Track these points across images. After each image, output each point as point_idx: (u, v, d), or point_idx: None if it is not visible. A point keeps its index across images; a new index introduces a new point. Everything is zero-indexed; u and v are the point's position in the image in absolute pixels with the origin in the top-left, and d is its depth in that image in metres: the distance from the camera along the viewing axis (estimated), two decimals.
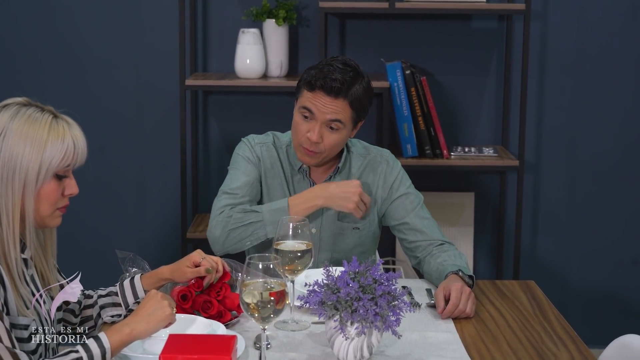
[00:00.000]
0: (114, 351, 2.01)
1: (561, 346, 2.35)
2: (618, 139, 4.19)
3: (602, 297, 4.28)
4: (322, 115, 2.73)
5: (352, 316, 2.10)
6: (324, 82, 2.72)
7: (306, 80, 2.76)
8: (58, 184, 2.08)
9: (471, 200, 4.16)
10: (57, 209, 2.10)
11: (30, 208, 2.04)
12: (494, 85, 4.15)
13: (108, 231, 4.25)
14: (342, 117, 2.74)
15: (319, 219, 2.85)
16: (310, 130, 2.74)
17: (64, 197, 2.11)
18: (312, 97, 2.74)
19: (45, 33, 4.10)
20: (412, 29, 4.10)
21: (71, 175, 2.11)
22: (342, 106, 2.74)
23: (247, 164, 2.86)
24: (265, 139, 2.91)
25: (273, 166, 2.88)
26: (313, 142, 2.74)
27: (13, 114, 2.04)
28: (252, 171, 2.85)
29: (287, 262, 2.34)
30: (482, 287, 2.80)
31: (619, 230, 4.25)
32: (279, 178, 2.88)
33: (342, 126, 2.76)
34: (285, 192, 2.86)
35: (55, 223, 2.13)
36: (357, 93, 2.75)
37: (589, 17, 4.10)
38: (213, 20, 4.11)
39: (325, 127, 2.75)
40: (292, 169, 2.89)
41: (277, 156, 2.88)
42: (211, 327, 2.25)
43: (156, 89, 4.14)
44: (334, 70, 2.74)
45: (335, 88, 2.71)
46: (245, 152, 2.89)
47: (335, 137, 2.76)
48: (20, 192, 2.02)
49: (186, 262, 2.42)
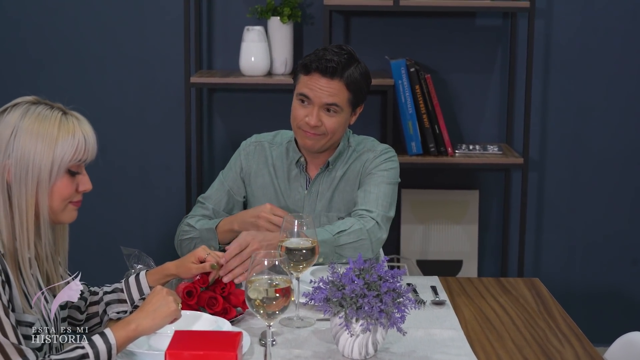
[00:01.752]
0: (120, 347, 2.01)
1: (566, 344, 2.35)
2: (622, 137, 4.19)
3: (607, 295, 4.28)
4: (318, 99, 2.78)
5: (357, 313, 2.11)
6: (319, 63, 2.79)
7: (302, 65, 2.84)
8: (71, 180, 2.09)
9: (475, 198, 4.16)
10: (70, 203, 2.11)
11: (45, 205, 2.05)
12: (498, 82, 4.15)
13: (113, 229, 4.25)
14: (338, 100, 2.79)
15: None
16: (308, 114, 2.80)
17: (77, 193, 2.12)
18: (308, 80, 2.80)
19: (48, 31, 4.10)
20: (416, 26, 4.10)
21: (84, 172, 2.13)
22: (339, 87, 2.79)
23: (228, 171, 3.02)
24: (262, 138, 3.03)
25: (263, 165, 2.95)
26: (312, 125, 2.79)
27: (23, 113, 2.05)
28: (229, 180, 2.99)
29: (292, 259, 2.34)
30: (487, 285, 2.80)
31: (624, 228, 4.25)
32: (269, 176, 2.96)
33: (340, 110, 2.81)
34: (276, 189, 2.92)
35: (69, 218, 2.13)
36: (353, 75, 2.82)
37: (594, 14, 4.09)
38: (218, 18, 4.11)
39: (323, 110, 2.79)
40: (290, 164, 2.93)
41: (270, 154, 2.94)
42: (217, 324, 2.25)
43: (161, 87, 4.14)
44: (329, 52, 2.82)
45: (330, 68, 2.77)
46: (233, 159, 3.04)
47: (334, 121, 2.81)
48: (34, 189, 2.03)
49: (191, 258, 2.43)
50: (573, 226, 4.26)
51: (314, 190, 2.93)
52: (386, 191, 2.86)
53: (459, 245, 4.15)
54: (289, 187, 2.94)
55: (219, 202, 2.98)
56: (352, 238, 2.71)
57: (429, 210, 4.14)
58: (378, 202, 2.82)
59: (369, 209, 2.80)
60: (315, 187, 2.93)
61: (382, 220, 2.80)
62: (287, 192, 2.94)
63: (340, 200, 2.92)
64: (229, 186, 2.98)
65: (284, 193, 2.94)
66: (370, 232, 2.74)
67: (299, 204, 2.93)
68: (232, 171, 3.00)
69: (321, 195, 2.92)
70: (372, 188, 2.85)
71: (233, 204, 2.98)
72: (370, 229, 2.74)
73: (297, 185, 2.94)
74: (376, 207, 2.81)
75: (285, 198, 2.94)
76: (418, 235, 4.13)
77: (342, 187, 2.92)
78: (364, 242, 2.72)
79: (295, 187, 2.94)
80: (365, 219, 2.77)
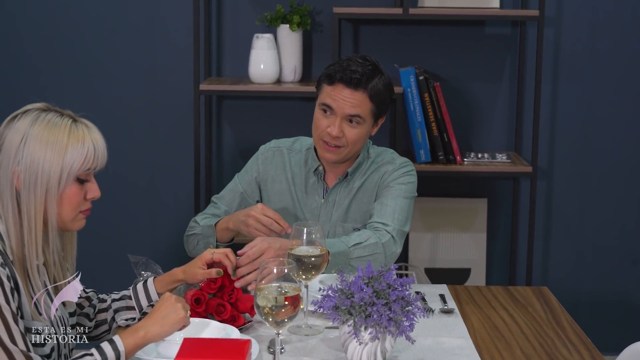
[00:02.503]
0: (128, 354, 2.01)
1: (574, 353, 2.35)
2: (631, 145, 4.18)
3: (616, 303, 4.27)
4: (341, 110, 2.76)
5: (365, 321, 2.11)
6: (343, 74, 2.77)
7: (326, 75, 2.82)
8: (80, 188, 2.09)
9: (484, 206, 4.16)
10: (79, 212, 2.11)
11: (53, 212, 2.05)
12: (507, 91, 4.15)
13: (121, 236, 4.26)
14: (361, 111, 2.77)
15: (327, 225, 2.88)
16: (330, 125, 2.78)
17: (86, 200, 2.12)
18: (332, 91, 2.78)
19: (57, 38, 4.11)
20: (425, 34, 4.11)
21: (93, 179, 2.13)
22: (362, 99, 2.77)
23: (244, 174, 3.01)
24: (281, 144, 3.00)
25: (281, 171, 2.92)
26: (334, 136, 2.77)
27: (33, 120, 2.05)
28: (244, 183, 2.99)
29: (301, 266, 2.34)
30: (495, 293, 2.80)
31: (632, 236, 4.24)
32: (286, 183, 2.95)
33: (362, 121, 2.79)
34: (293, 196, 2.91)
35: (78, 226, 2.14)
36: (377, 87, 2.80)
37: (603, 23, 4.09)
38: (227, 26, 4.12)
39: (346, 121, 2.78)
40: (308, 172, 2.92)
41: (289, 161, 2.93)
42: (225, 332, 2.26)
43: (170, 94, 4.15)
44: (354, 63, 2.80)
45: (354, 80, 2.76)
46: (250, 162, 3.03)
47: (356, 132, 2.80)
48: (43, 197, 2.04)
49: (198, 263, 2.43)
50: (581, 234, 4.25)
51: (331, 199, 2.92)
52: (403, 205, 2.85)
53: (467, 254, 4.14)
54: (306, 195, 2.94)
55: (231, 203, 2.98)
56: (367, 252, 2.70)
57: (437, 218, 4.14)
58: (394, 216, 2.81)
59: (385, 222, 2.80)
60: (332, 196, 2.92)
61: (397, 234, 2.79)
62: (304, 200, 2.94)
63: (357, 211, 2.91)
64: (242, 188, 2.98)
65: (301, 201, 2.94)
66: (385, 246, 2.73)
67: (315, 213, 2.93)
68: (248, 174, 3.00)
69: (338, 205, 2.92)
70: (389, 201, 2.84)
71: (245, 207, 2.96)
72: (385, 243, 2.74)
73: (314, 193, 2.93)
74: (392, 221, 2.80)
75: (301, 206, 2.93)
76: (426, 243, 4.13)
77: (360, 198, 2.91)
78: (378, 256, 2.71)
79: (312, 196, 2.93)
80: (381, 232, 2.76)
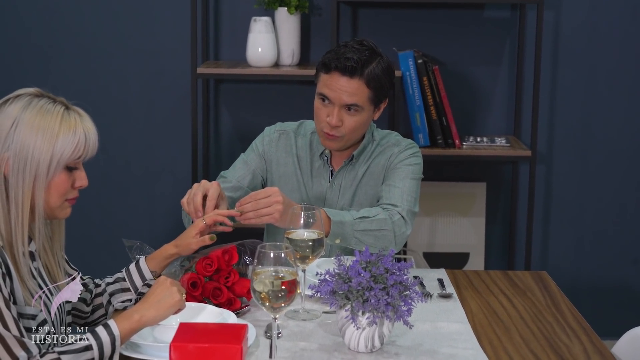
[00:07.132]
0: (124, 338, 2.00)
1: (573, 337, 2.34)
2: (630, 129, 4.17)
3: (615, 288, 4.27)
4: (338, 99, 2.74)
5: (363, 306, 2.09)
6: (338, 62, 2.74)
7: (322, 63, 2.79)
8: (68, 176, 2.08)
9: (483, 191, 4.15)
10: (66, 200, 2.10)
11: (40, 199, 2.04)
12: (506, 74, 4.13)
13: (118, 221, 4.25)
14: (358, 99, 2.74)
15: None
16: (329, 114, 2.76)
17: (73, 189, 2.11)
18: (328, 80, 2.75)
19: (53, 22, 4.09)
20: (424, 18, 4.09)
21: (81, 167, 2.11)
22: (359, 86, 2.74)
23: (251, 152, 2.95)
24: (287, 127, 2.97)
25: (287, 154, 2.90)
26: (333, 126, 2.75)
27: (25, 105, 2.03)
28: (253, 160, 2.93)
29: (298, 250, 2.32)
30: (494, 278, 2.79)
31: (632, 221, 4.23)
32: (292, 166, 2.91)
33: (360, 109, 2.76)
34: (298, 180, 2.89)
35: (64, 214, 2.12)
36: (374, 72, 2.75)
37: (603, 6, 4.07)
38: (225, 9, 4.10)
39: (344, 110, 2.75)
40: (314, 155, 2.90)
41: (295, 144, 2.90)
42: (222, 316, 2.24)
43: (167, 77, 4.13)
44: (349, 50, 2.76)
45: (349, 67, 2.72)
46: (256, 141, 2.97)
47: (355, 120, 2.77)
48: (31, 183, 2.02)
49: (191, 233, 2.41)
50: (581, 219, 4.24)
51: (337, 183, 2.89)
52: (411, 186, 2.82)
53: (466, 238, 4.13)
54: (312, 179, 2.91)
55: (243, 179, 2.90)
56: (375, 226, 2.67)
57: (436, 202, 4.12)
58: (403, 197, 2.79)
59: (395, 204, 2.77)
60: (338, 180, 2.89)
61: (407, 214, 2.76)
62: (310, 184, 2.91)
63: (363, 194, 2.88)
64: (254, 166, 2.92)
65: (306, 184, 2.91)
66: (395, 224, 2.70)
67: (321, 197, 2.90)
68: (255, 153, 2.94)
69: (344, 189, 2.89)
70: (397, 182, 2.82)
71: (256, 183, 2.92)
72: (395, 221, 2.71)
73: (320, 177, 2.91)
74: (401, 202, 2.78)
75: (307, 189, 2.91)
76: (425, 228, 4.12)
77: (366, 182, 2.89)
78: (386, 232, 2.68)
79: (318, 180, 2.91)
80: (392, 212, 2.74)
